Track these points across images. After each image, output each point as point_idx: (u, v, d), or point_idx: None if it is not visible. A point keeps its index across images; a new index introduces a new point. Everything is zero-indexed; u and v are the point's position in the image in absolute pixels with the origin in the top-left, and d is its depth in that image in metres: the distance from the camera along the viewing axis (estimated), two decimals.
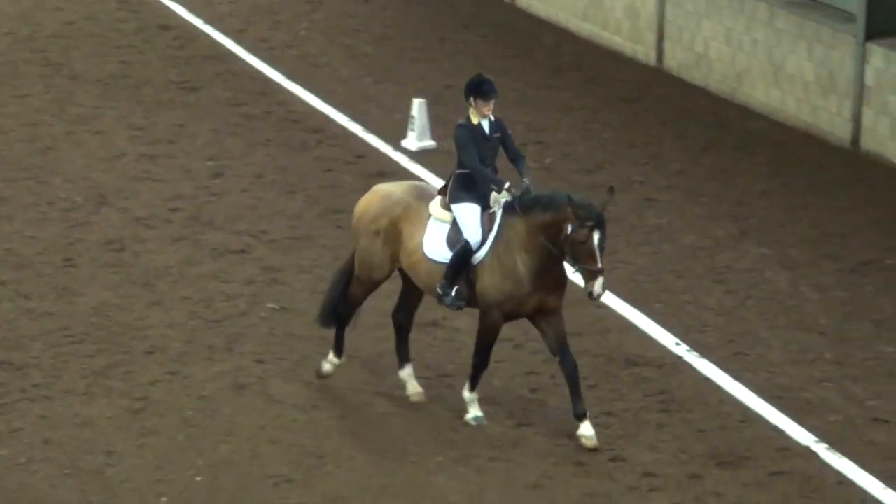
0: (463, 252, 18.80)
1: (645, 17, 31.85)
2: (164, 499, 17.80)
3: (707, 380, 20.25)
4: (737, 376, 20.26)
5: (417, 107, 27.64)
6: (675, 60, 31.21)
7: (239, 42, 33.79)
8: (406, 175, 26.31)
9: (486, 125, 19.21)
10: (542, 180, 26.08)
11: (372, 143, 27.99)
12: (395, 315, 20.00)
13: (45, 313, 21.85)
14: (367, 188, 25.54)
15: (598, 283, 18.38)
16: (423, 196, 19.58)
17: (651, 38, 31.75)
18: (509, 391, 19.97)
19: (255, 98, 30.29)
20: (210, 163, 27.02)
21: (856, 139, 27.20)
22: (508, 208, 18.91)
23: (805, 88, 28.21)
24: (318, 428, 19.21)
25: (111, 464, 18.41)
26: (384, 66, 32.24)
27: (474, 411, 19.17)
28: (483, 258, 18.85)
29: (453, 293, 18.90)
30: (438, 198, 19.27)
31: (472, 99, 19.28)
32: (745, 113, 29.19)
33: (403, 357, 19.88)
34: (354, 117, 29.14)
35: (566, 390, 19.23)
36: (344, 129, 28.67)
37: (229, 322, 21.59)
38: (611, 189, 18.78)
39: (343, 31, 34.48)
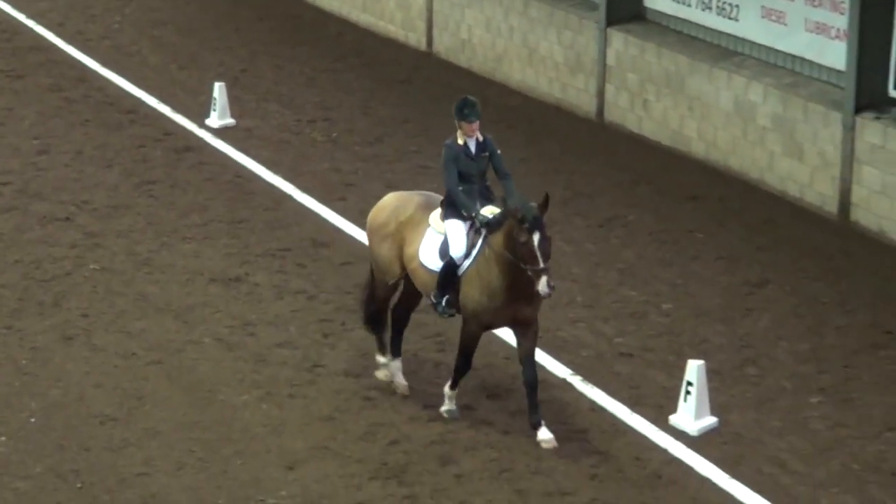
0: (448, 265, 17.87)
1: (416, 8, 31.91)
2: (2, 437, 17.65)
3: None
4: None
5: (218, 89, 27.52)
6: (443, 45, 31.29)
7: (59, 35, 33.45)
8: (209, 149, 26.24)
9: (472, 145, 17.98)
10: (329, 151, 26.13)
11: (179, 121, 27.82)
12: (395, 310, 18.98)
13: None
14: (175, 161, 25.62)
15: (542, 283, 17.05)
16: (428, 206, 18.48)
17: (422, 26, 31.81)
18: (305, 336, 19.94)
19: (75, 84, 30.00)
20: (35, 141, 26.76)
21: (600, 112, 27.41)
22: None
23: (556, 68, 28.38)
24: (137, 373, 19.11)
25: None
26: (188, 54, 32.05)
27: (449, 405, 18.26)
28: (466, 271, 17.79)
29: (444, 302, 17.94)
30: (438, 209, 18.25)
31: (457, 121, 17.96)
32: (504, 90, 29.31)
33: (395, 351, 18.85)
34: (163, 99, 28.96)
35: (356, 334, 19.26)
36: (154, 109, 28.48)
37: (56, 281, 21.42)
38: (546, 197, 17.24)
39: (151, 23, 34.23)
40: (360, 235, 22.75)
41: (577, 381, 18.86)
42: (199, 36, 33.32)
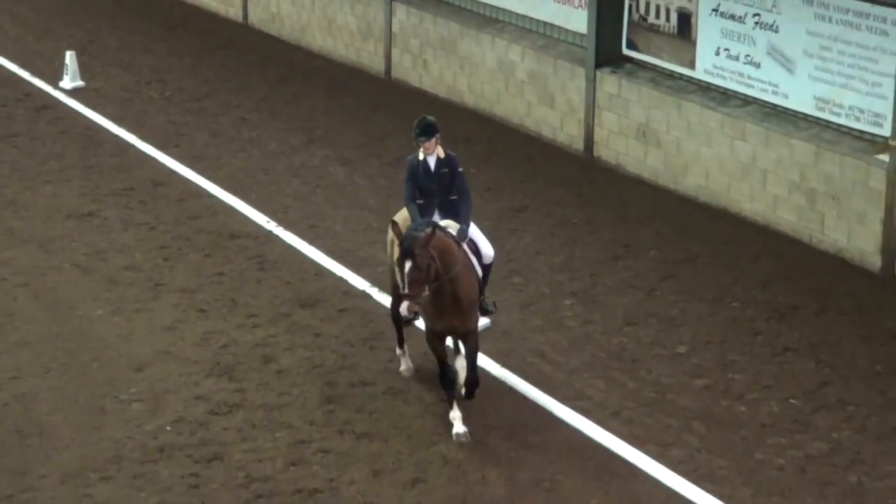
0: None
1: None
2: None
3: (291, 247, 20.29)
4: (311, 242, 20.35)
5: (69, 57, 27.14)
6: (257, 18, 31.04)
7: None
8: (63, 107, 25.92)
9: (431, 161, 15.87)
10: (164, 107, 25.89)
11: (37, 84, 27.41)
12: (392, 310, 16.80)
13: None
14: (35, 118, 25.26)
15: (402, 306, 15.01)
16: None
17: (238, 2, 31.55)
18: (148, 260, 19.81)
19: None
20: None
21: (388, 71, 27.36)
22: None
23: (350, 35, 28.29)
24: (7, 294, 18.89)
25: None
26: (43, 27, 31.51)
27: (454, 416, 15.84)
28: None
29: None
30: None
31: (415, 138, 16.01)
32: (309, 55, 29.18)
33: (401, 343, 16.99)
34: (22, 66, 28.48)
35: (190, 258, 19.17)
36: (15, 74, 28.02)
37: None
38: (431, 230, 14.96)
39: (10, 2, 33.60)
40: (192, 176, 22.64)
41: (375, 292, 18.90)
42: (52, 12, 32.75)
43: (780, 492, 14.69)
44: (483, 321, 16.70)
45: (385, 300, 18.57)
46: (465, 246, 15.82)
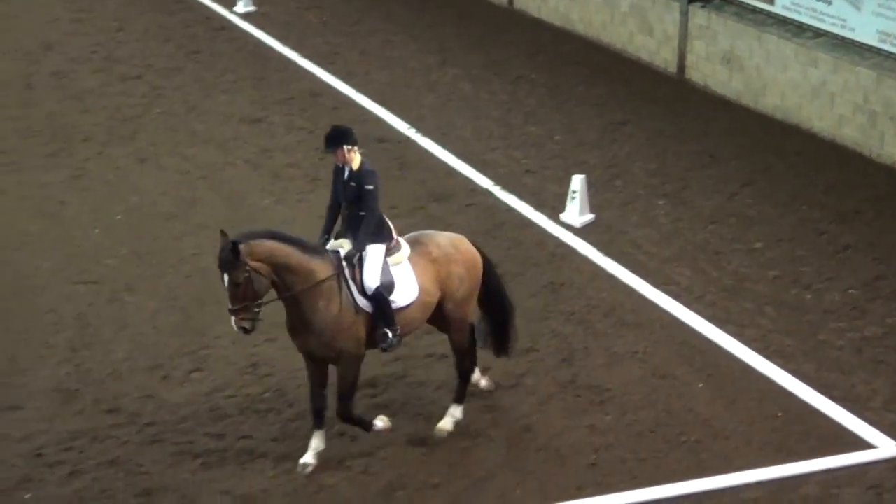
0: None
1: None
2: (97, 230, 17.53)
3: (426, 150, 20.24)
4: (443, 146, 20.27)
5: None
6: None
7: None
8: (237, 28, 25.89)
9: (345, 171, 12.91)
10: (321, 30, 25.74)
11: (215, 8, 27.38)
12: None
13: (16, 117, 21.34)
14: (214, 37, 25.25)
15: (231, 321, 12.43)
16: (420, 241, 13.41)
17: None
18: (307, 159, 19.85)
19: None
20: (115, 22, 26.37)
21: (511, 1, 27.05)
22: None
23: None
24: (190, 185, 19.03)
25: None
26: None
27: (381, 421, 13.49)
28: None
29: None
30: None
31: None
32: None
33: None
34: None
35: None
36: (196, 1, 28.02)
37: (132, 121, 21.25)
38: (222, 232, 12.39)
39: None
40: (345, 89, 22.59)
41: (497, 190, 18.83)
42: None
43: (840, 368, 14.53)
44: None
45: (505, 198, 18.49)
46: (347, 269, 12.71)
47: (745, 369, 14.55)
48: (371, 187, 12.89)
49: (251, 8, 27.09)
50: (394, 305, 12.86)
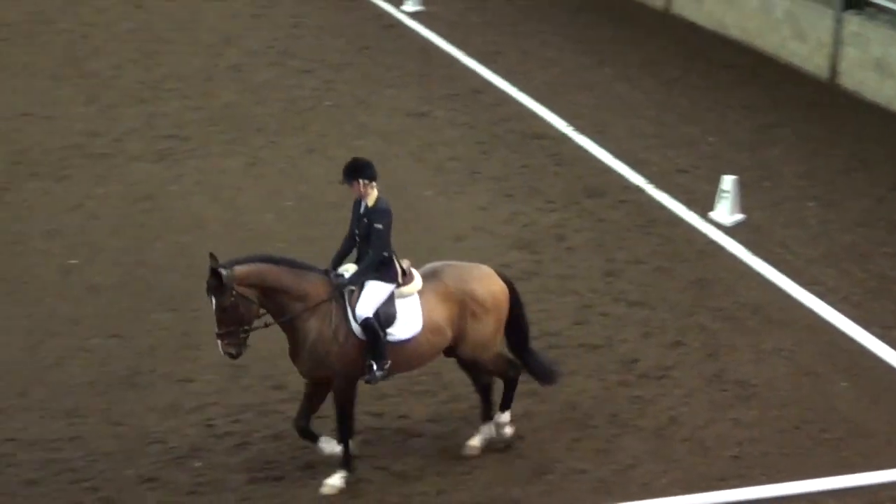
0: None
1: None
2: (270, 215, 17.66)
3: (582, 147, 20.09)
4: (599, 144, 20.10)
5: None
6: None
7: None
8: (405, 26, 25.95)
9: (361, 206, 12.46)
10: (482, 31, 25.68)
11: (384, 7, 27.47)
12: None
13: (197, 107, 21.64)
14: (382, 35, 25.31)
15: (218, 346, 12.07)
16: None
17: None
18: (469, 151, 19.83)
19: None
20: (292, 19, 26.58)
21: (668, 6, 26.74)
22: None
23: None
24: None
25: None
26: None
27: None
28: None
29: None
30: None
31: None
32: None
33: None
34: None
35: (501, 153, 19.03)
36: (367, 0, 28.22)
37: (304, 112, 21.39)
38: (210, 256, 11.97)
39: None
40: (505, 86, 22.52)
41: (650, 188, 18.63)
42: None
43: None
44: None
45: (657, 195, 18.30)
46: (348, 297, 12.14)
47: (890, 370, 14.22)
48: (380, 226, 12.23)
49: (419, 7, 27.14)
50: (392, 338, 12.15)
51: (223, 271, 11.78)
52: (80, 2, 26.92)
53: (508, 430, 12.96)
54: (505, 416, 12.90)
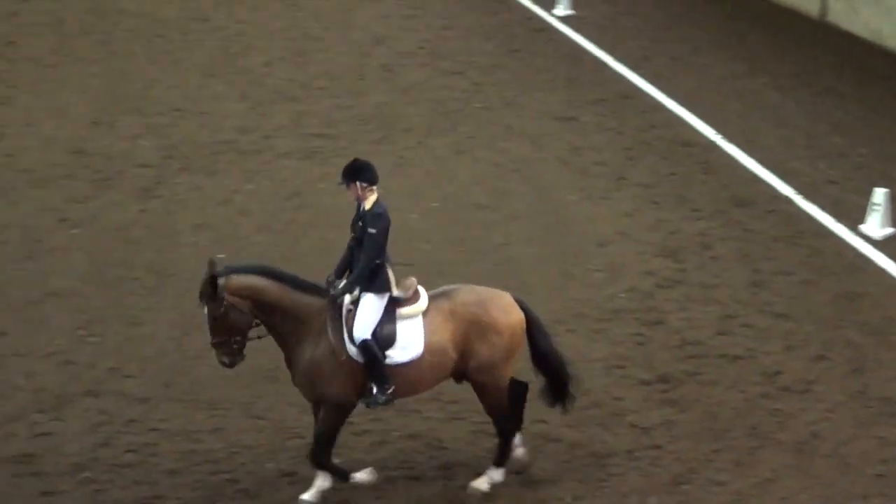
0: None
1: None
2: (414, 215, 17.77)
3: (730, 155, 19.87)
4: (748, 153, 19.85)
5: None
6: None
7: None
8: (554, 29, 25.89)
9: (360, 209, 12.03)
10: (634, 35, 25.52)
11: (535, 10, 27.44)
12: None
13: (346, 106, 21.83)
14: (532, 38, 25.28)
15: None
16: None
17: None
18: (613, 159, 19.73)
19: None
20: (442, 20, 26.65)
21: (824, 14, 26.33)
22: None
23: None
24: (503, 176, 19.12)
25: None
26: None
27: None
28: None
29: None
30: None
31: None
32: None
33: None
34: None
35: (648, 160, 18.90)
36: (516, 3, 28.12)
37: (452, 114, 21.47)
38: (210, 262, 11.75)
39: None
40: (654, 93, 22.35)
41: (799, 199, 18.36)
42: None
43: None
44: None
45: (806, 206, 18.04)
46: (345, 317, 11.78)
47: None
48: (373, 231, 11.71)
49: (570, 11, 27.08)
50: (391, 361, 11.74)
51: (221, 280, 11.56)
52: (235, 0, 27.34)
53: (484, 487, 12.25)
54: (496, 474, 12.29)
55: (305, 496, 12.14)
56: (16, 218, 17.73)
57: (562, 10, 27.07)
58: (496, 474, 12.35)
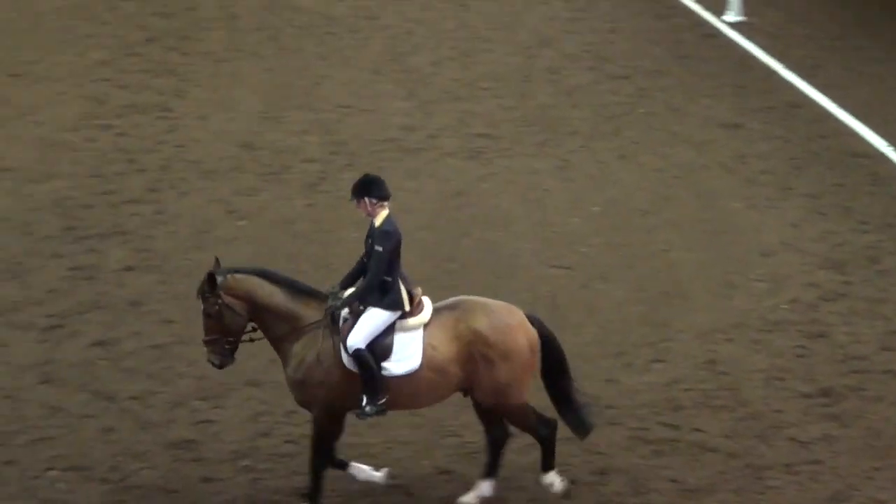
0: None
1: None
2: (575, 220, 17.71)
3: None
4: None
5: None
6: None
7: None
8: (723, 36, 25.60)
9: (371, 225, 11.83)
10: (801, 44, 25.09)
11: (705, 16, 27.13)
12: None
13: (511, 107, 21.83)
14: (700, 44, 24.96)
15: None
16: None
17: None
18: (779, 168, 19.45)
19: None
20: (608, 24, 26.48)
21: None
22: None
23: None
24: (664, 182, 18.98)
25: None
26: None
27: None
28: None
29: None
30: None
31: None
32: None
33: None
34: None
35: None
36: (686, 6, 27.84)
37: (616, 119, 21.37)
38: (215, 260, 12.00)
39: None
40: (824, 102, 21.95)
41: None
42: None
43: None
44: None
45: None
46: (341, 324, 11.68)
47: None
48: (380, 249, 11.49)
49: (740, 17, 26.73)
50: (386, 373, 11.55)
51: (220, 278, 11.61)
52: None
53: (558, 486, 12.21)
54: (549, 477, 12.16)
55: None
56: (185, 208, 18.10)
57: (732, 16, 26.71)
58: (548, 478, 12.14)
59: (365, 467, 12.28)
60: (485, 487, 12.20)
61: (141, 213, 17.85)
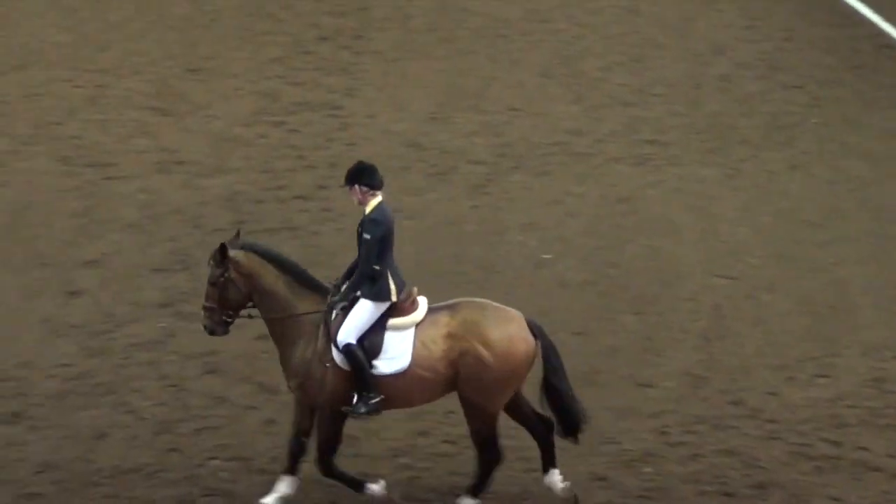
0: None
1: None
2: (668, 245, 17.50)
3: None
4: None
5: None
6: None
7: None
8: None
9: (364, 213, 12.01)
10: None
11: (884, 27, 26.59)
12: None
13: (680, 114, 21.65)
14: (876, 54, 24.45)
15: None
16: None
17: None
18: None
19: None
20: (783, 32, 26.08)
21: None
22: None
23: None
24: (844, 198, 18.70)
25: None
26: None
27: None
28: None
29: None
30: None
31: None
32: None
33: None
34: (874, 9, 27.69)
35: None
36: (866, 17, 27.31)
37: (789, 130, 21.09)
38: (237, 233, 12.15)
39: None
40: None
41: None
42: None
43: None
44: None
45: None
46: (333, 319, 11.64)
47: None
48: (367, 237, 11.52)
49: None
50: (377, 371, 11.49)
51: (232, 251, 11.65)
52: (576, 3, 27.46)
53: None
54: (552, 477, 12.09)
55: (264, 500, 12.00)
56: (352, 206, 18.07)
57: None
58: (467, 502, 11.98)
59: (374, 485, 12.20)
60: (554, 477, 12.04)
61: (309, 210, 18.07)
